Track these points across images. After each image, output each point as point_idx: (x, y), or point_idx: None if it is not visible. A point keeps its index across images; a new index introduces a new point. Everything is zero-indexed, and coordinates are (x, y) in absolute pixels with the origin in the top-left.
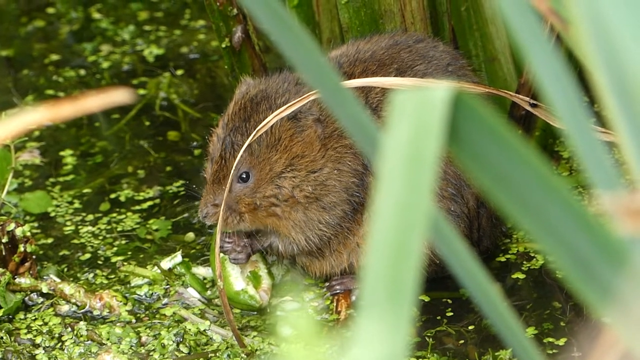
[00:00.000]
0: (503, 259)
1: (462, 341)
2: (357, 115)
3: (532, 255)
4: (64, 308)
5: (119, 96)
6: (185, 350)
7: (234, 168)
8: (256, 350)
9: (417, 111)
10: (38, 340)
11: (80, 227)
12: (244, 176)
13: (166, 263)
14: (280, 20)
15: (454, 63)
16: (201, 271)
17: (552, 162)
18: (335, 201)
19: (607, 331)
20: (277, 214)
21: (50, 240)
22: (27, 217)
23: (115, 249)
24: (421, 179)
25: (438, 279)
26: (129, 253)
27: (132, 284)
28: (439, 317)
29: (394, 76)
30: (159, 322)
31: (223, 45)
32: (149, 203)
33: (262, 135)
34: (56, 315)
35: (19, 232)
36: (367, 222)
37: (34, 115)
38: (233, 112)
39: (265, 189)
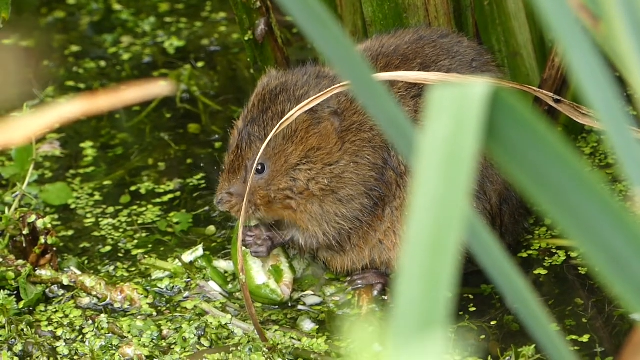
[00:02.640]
0: (525, 255)
1: (484, 337)
2: (389, 108)
3: (554, 251)
4: (85, 300)
5: (158, 88)
6: (206, 343)
7: (256, 162)
8: (278, 344)
9: (455, 108)
10: (59, 332)
11: (100, 219)
12: (259, 168)
13: (187, 256)
14: (312, 11)
15: (478, 59)
16: (222, 264)
17: None
18: (352, 194)
19: (638, 329)
20: (292, 207)
21: (70, 233)
22: (48, 209)
23: (135, 241)
24: (459, 176)
25: (460, 275)
26: (150, 246)
27: (153, 277)
28: (461, 313)
29: (418, 71)
30: (180, 316)
31: (246, 38)
32: (170, 196)
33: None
34: (77, 307)
35: (39, 224)
36: (390, 218)
37: (71, 108)
38: (252, 104)
39: (279, 182)
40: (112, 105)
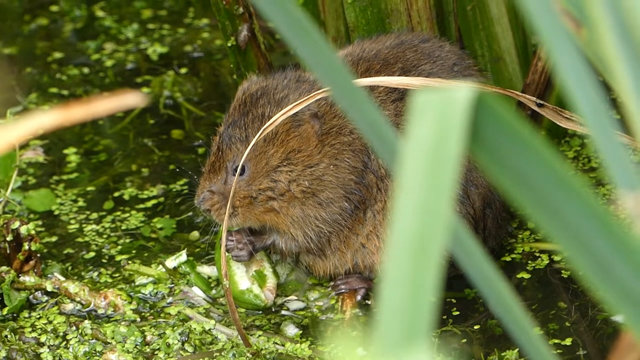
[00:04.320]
0: (508, 259)
1: (467, 341)
2: (369, 113)
3: (537, 255)
4: (69, 306)
5: (130, 99)
6: (190, 349)
7: (240, 164)
8: (261, 349)
9: (438, 113)
10: (43, 338)
11: (84, 225)
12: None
13: (171, 262)
14: (292, 17)
15: (459, 63)
16: (206, 270)
17: None
18: (332, 197)
19: (625, 332)
20: (274, 209)
21: (54, 239)
22: (31, 215)
23: (119, 247)
24: (442, 181)
25: (443, 279)
26: (134, 252)
27: (137, 283)
28: (444, 317)
29: (398, 75)
30: (163, 321)
31: (229, 44)
32: (153, 201)
33: (259, 129)
34: (61, 313)
35: (23, 230)
36: (371, 222)
37: (44, 118)
38: (233, 108)
39: (260, 182)
40: (85, 116)
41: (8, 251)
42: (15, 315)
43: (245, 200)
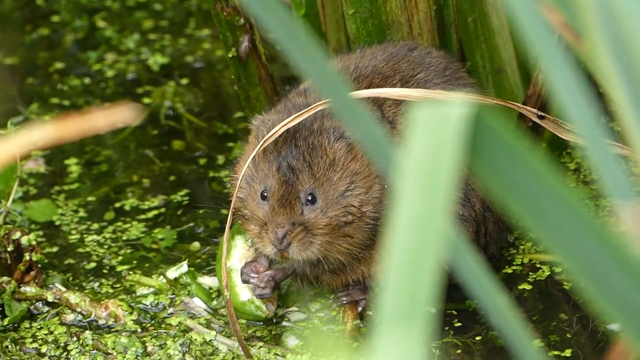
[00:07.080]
0: (509, 270)
1: (468, 352)
2: (366, 124)
3: (538, 266)
4: (70, 317)
5: (125, 114)
6: None
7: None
8: None
9: (436, 126)
10: (43, 349)
11: (85, 235)
12: (310, 198)
13: (172, 272)
14: (289, 30)
15: (450, 67)
16: (207, 281)
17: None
18: (380, 218)
19: (619, 342)
20: (349, 235)
21: (55, 249)
22: (32, 226)
23: (120, 258)
24: (439, 193)
25: (444, 291)
26: (135, 262)
27: (138, 294)
28: (446, 328)
29: (399, 87)
30: (164, 332)
31: (229, 55)
32: (154, 212)
33: (319, 159)
34: (61, 324)
35: (24, 240)
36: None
37: (40, 133)
38: (273, 143)
39: (334, 209)
40: (81, 132)
41: (9, 262)
42: (16, 325)
43: (327, 227)
